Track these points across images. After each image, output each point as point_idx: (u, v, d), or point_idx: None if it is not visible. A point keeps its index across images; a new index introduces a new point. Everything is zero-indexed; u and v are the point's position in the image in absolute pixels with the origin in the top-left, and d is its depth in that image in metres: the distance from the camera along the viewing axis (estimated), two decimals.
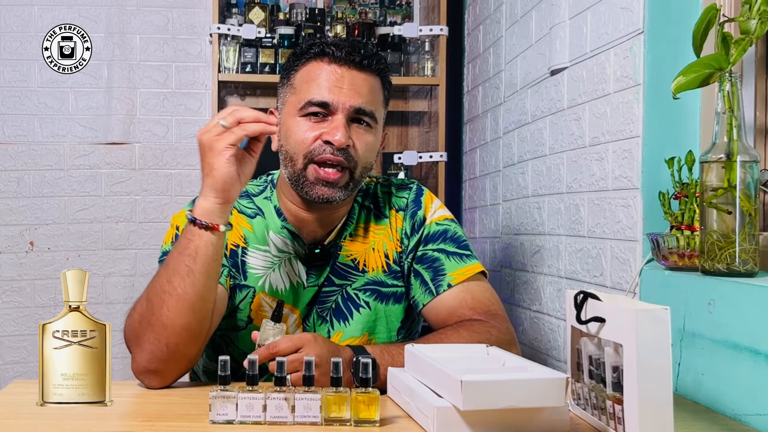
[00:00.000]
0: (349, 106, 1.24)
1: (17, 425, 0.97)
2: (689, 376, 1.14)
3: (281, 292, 1.31)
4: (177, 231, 1.30)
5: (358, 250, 1.34)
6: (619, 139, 1.52)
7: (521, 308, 2.15)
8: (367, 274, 1.34)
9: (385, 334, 1.34)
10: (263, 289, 1.31)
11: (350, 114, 1.25)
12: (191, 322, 1.12)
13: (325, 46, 1.27)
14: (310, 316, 1.31)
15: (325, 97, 1.24)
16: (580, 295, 0.93)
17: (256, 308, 1.30)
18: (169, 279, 1.11)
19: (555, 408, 0.90)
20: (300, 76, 1.28)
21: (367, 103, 1.26)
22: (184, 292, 1.11)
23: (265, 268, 1.32)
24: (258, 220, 1.35)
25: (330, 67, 1.26)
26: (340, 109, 1.24)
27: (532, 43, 2.05)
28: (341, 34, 2.77)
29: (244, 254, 1.32)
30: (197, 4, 2.90)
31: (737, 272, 1.08)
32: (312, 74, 1.27)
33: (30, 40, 2.84)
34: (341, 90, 1.24)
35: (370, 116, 1.27)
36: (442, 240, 1.35)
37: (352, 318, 1.32)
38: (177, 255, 1.12)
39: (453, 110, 2.85)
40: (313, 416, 0.94)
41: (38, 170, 2.85)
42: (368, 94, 1.27)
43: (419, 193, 1.40)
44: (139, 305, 1.15)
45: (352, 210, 1.37)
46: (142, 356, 1.13)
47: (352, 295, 1.33)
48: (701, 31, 1.11)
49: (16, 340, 2.84)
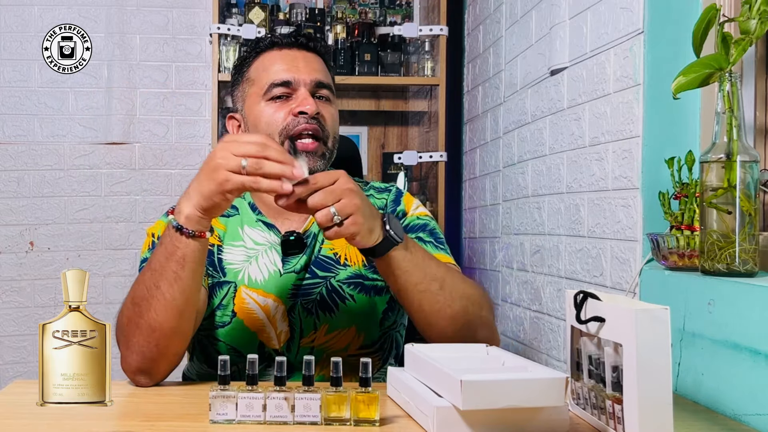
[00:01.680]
0: (309, 80, 1.32)
1: (17, 425, 0.97)
2: (689, 376, 1.14)
3: (261, 282, 1.32)
4: (153, 238, 1.33)
5: (339, 244, 1.36)
6: (619, 139, 1.52)
7: (521, 308, 2.15)
8: (349, 267, 1.35)
9: (370, 327, 1.35)
10: (243, 282, 1.32)
11: (312, 88, 1.32)
12: (180, 325, 1.14)
13: (273, 37, 1.38)
14: (296, 308, 1.32)
15: (286, 76, 1.32)
16: (580, 295, 0.93)
17: (239, 302, 1.31)
18: (157, 284, 1.11)
19: (555, 408, 0.90)
20: (255, 68, 1.36)
21: (323, 76, 1.35)
22: (173, 297, 1.11)
23: (242, 261, 1.33)
24: (233, 219, 1.38)
25: (282, 52, 1.35)
26: (302, 83, 1.32)
27: (532, 43, 2.05)
28: (341, 34, 2.78)
29: (220, 252, 1.34)
30: (197, 4, 2.90)
31: (737, 272, 1.08)
32: (267, 62, 1.35)
33: (30, 40, 2.84)
34: (298, 68, 1.33)
35: (328, 89, 1.35)
36: (420, 230, 1.37)
37: (338, 310, 1.32)
38: (164, 260, 1.11)
39: (453, 110, 2.85)
40: (312, 416, 0.94)
41: (38, 170, 2.85)
42: (322, 70, 1.36)
43: (399, 194, 1.44)
44: (126, 308, 1.16)
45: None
46: (132, 357, 1.14)
47: (336, 287, 1.33)
48: (701, 31, 1.11)
49: (16, 340, 2.84)
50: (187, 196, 1.09)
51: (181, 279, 1.11)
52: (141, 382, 1.16)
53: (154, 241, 1.32)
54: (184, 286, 1.11)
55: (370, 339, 1.35)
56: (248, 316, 1.31)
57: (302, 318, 1.32)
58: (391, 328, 1.39)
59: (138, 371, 1.15)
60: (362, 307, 1.34)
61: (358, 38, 2.77)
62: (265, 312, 1.31)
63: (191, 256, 1.10)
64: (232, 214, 1.38)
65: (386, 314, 1.37)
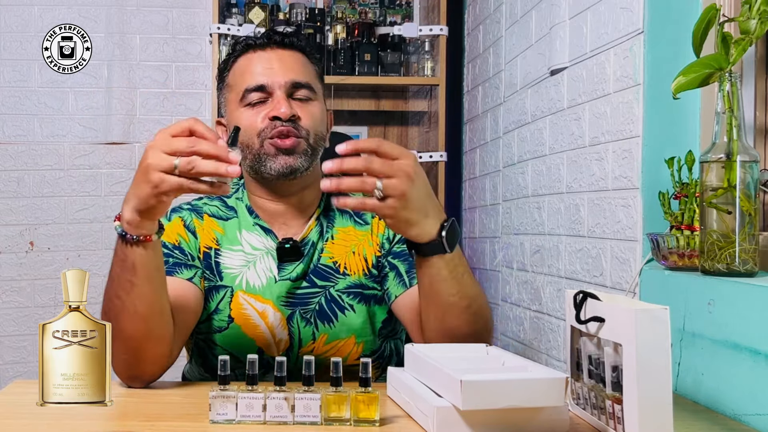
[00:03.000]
0: (284, 82, 1.28)
1: (17, 425, 0.97)
2: (689, 376, 1.14)
3: (258, 288, 1.31)
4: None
5: (339, 253, 1.34)
6: (619, 139, 1.52)
7: (521, 308, 2.15)
8: (348, 277, 1.33)
9: (370, 336, 1.34)
10: (241, 287, 1.31)
11: (288, 89, 1.29)
12: (150, 329, 1.12)
13: (248, 39, 1.34)
14: (294, 317, 1.31)
15: (259, 80, 1.28)
16: (580, 295, 0.93)
17: (236, 307, 1.30)
18: (117, 294, 1.10)
19: (555, 408, 0.90)
20: (233, 74, 1.34)
21: (299, 75, 1.30)
22: (133, 305, 1.09)
23: (240, 266, 1.32)
24: (231, 222, 1.35)
25: (256, 54, 1.32)
26: (277, 86, 1.28)
27: (532, 43, 2.05)
28: (341, 34, 2.78)
29: (218, 255, 1.32)
30: (197, 4, 2.90)
31: (737, 272, 1.08)
32: (243, 67, 1.32)
33: (30, 40, 2.84)
34: (272, 70, 1.29)
35: (307, 88, 1.30)
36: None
37: (337, 320, 1.31)
38: (118, 270, 1.09)
39: (453, 110, 2.85)
40: (312, 416, 0.94)
41: (38, 170, 2.85)
42: (300, 68, 1.31)
43: None
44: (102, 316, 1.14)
45: (332, 212, 1.37)
46: (117, 365, 1.13)
47: (335, 297, 1.32)
48: (701, 31, 1.11)
49: (16, 340, 2.84)
50: (126, 200, 1.04)
51: (136, 286, 1.08)
52: (133, 385, 1.16)
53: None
54: (141, 293, 1.09)
55: (369, 348, 1.34)
56: (245, 321, 1.30)
57: (301, 328, 1.31)
58: (391, 336, 1.38)
59: (126, 377, 1.16)
60: (362, 318, 1.33)
61: (358, 38, 2.77)
62: (262, 318, 1.30)
63: (141, 262, 1.07)
64: (230, 216, 1.36)
65: (385, 323, 1.36)
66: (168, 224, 1.32)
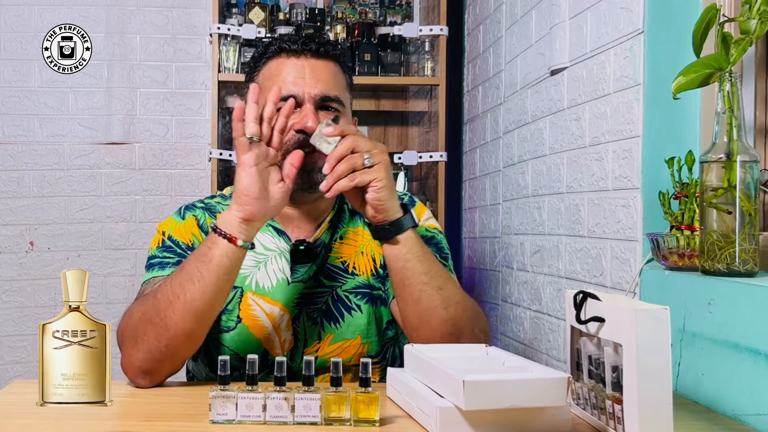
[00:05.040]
0: (314, 94, 1.27)
1: (17, 425, 0.97)
2: (689, 376, 1.14)
3: (268, 289, 1.31)
4: (163, 236, 1.31)
5: (349, 253, 1.35)
6: (619, 139, 1.52)
7: (521, 308, 2.15)
8: (357, 277, 1.33)
9: (375, 337, 1.34)
10: (250, 288, 1.31)
11: (317, 102, 1.28)
12: (194, 329, 1.13)
13: (281, 42, 1.32)
14: (300, 316, 1.31)
15: (290, 90, 1.27)
16: (580, 295, 0.93)
17: (245, 308, 1.30)
18: (181, 282, 1.12)
19: (556, 408, 0.90)
20: (262, 76, 1.32)
21: (331, 89, 1.29)
22: (192, 297, 1.11)
23: (250, 267, 1.31)
24: None
25: (289, 60, 1.30)
26: (307, 98, 1.27)
27: (532, 43, 2.05)
28: (341, 34, 2.77)
29: None
30: (197, 4, 2.90)
31: (737, 272, 1.08)
32: (274, 71, 1.30)
33: (30, 40, 2.84)
34: (304, 80, 1.28)
35: (336, 101, 1.30)
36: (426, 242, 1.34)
37: (344, 320, 1.31)
38: (193, 260, 1.13)
39: (453, 110, 2.85)
40: (312, 416, 0.94)
41: (38, 170, 2.85)
42: (331, 80, 1.30)
43: (411, 203, 1.40)
44: (141, 304, 1.15)
45: (344, 213, 1.37)
46: (137, 356, 1.13)
47: (342, 297, 1.32)
48: (701, 31, 1.11)
49: (16, 340, 2.84)
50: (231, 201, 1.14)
51: (203, 279, 1.11)
52: (140, 383, 1.15)
53: (164, 239, 1.30)
54: (203, 288, 1.11)
55: (373, 350, 1.34)
56: (253, 323, 1.30)
57: (306, 327, 1.31)
58: (393, 339, 1.39)
59: (140, 371, 1.14)
60: (368, 318, 1.33)
61: (358, 38, 2.77)
62: (270, 320, 1.30)
63: (218, 258, 1.11)
64: None
65: (389, 325, 1.36)
66: (182, 222, 1.33)
